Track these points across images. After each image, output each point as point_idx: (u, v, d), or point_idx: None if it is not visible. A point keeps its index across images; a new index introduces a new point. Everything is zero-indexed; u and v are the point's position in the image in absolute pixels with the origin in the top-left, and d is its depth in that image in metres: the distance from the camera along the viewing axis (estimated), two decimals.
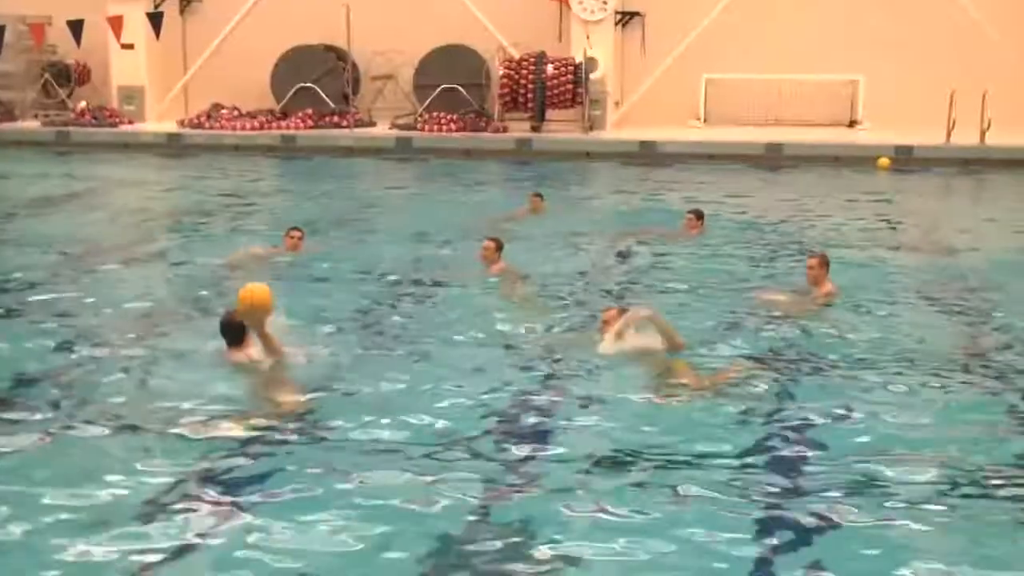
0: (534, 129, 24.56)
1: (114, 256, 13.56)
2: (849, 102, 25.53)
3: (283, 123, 25.42)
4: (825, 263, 11.29)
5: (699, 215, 14.71)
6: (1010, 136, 22.33)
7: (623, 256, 13.64)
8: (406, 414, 7.92)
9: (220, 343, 8.83)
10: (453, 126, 24.64)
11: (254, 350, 8.63)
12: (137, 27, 25.99)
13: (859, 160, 21.86)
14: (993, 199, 19.30)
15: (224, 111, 25.93)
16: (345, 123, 25.29)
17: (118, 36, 26.06)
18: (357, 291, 11.68)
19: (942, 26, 24.80)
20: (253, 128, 25.12)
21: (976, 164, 21.75)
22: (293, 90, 26.08)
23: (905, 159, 21.85)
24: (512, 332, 10.07)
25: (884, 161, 21.61)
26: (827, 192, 18.95)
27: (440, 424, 7.77)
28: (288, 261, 12.74)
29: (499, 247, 12.17)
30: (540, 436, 7.65)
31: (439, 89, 25.38)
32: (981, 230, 15.66)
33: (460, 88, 25.42)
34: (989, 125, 22.26)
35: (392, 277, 12.38)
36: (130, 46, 26.33)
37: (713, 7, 25.74)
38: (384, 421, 7.80)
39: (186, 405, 8.03)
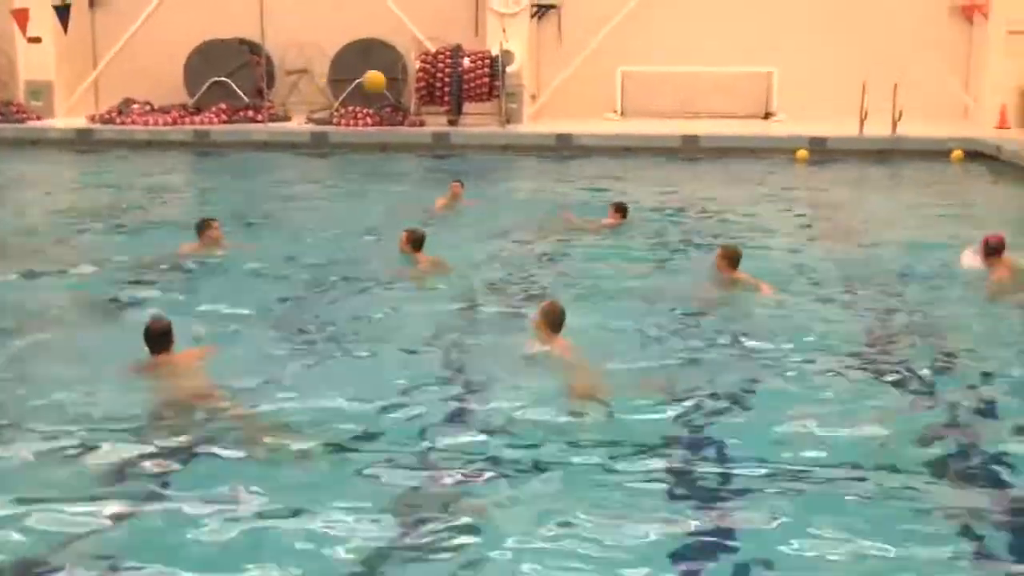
0: (451, 123, 24.46)
1: (22, 255, 13.21)
2: (764, 94, 25.80)
3: (196, 118, 25.06)
4: (730, 255, 11.36)
5: (620, 207, 14.73)
6: (921, 126, 22.71)
7: (544, 252, 13.58)
8: (325, 413, 7.81)
9: (133, 346, 8.58)
10: (369, 120, 24.45)
11: (178, 357, 8.42)
12: (44, 20, 25.46)
13: (774, 151, 22.07)
14: (904, 188, 19.59)
15: (136, 106, 25.46)
16: (260, 117, 24.99)
17: (24, 30, 25.51)
18: (275, 288, 11.49)
19: (854, 18, 25.16)
20: (166, 123, 24.70)
21: (888, 154, 22.09)
22: (207, 84, 25.72)
23: (819, 150, 22.10)
24: (431, 328, 9.97)
25: (803, 153, 21.83)
26: (743, 183, 19.10)
27: (359, 424, 7.65)
28: (205, 258, 12.51)
29: (418, 239, 12.07)
30: (459, 436, 7.55)
31: (354, 83, 25.15)
32: (893, 219, 15.87)
33: None
34: (900, 116, 22.60)
35: (310, 273, 12.21)
36: (37, 40, 25.79)
37: (628, 0, 25.82)
38: (303, 419, 7.68)
39: (98, 412, 7.82)
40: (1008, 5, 24.40)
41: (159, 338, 8.33)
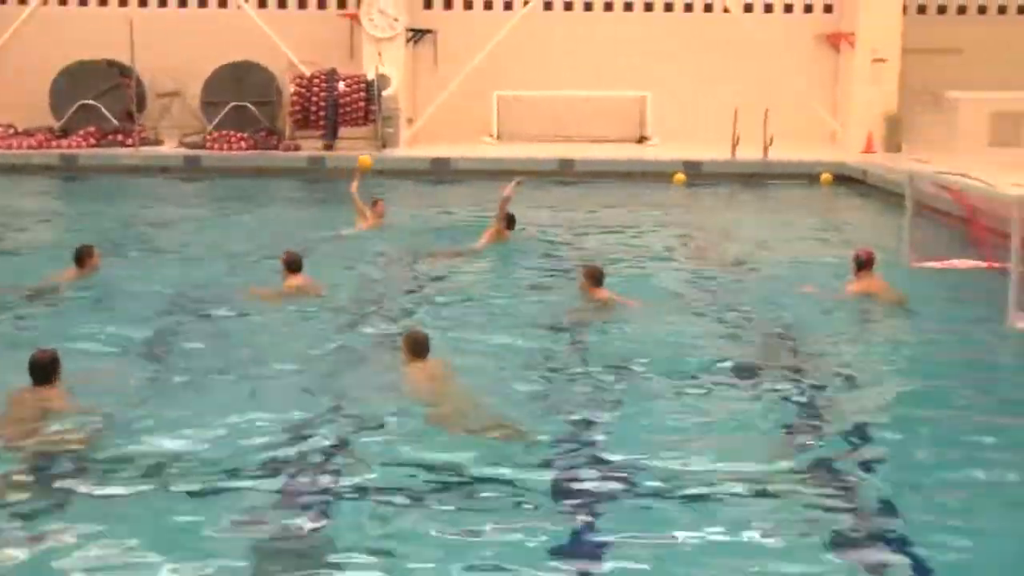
0: (327, 147, 24.21)
1: None
2: (638, 119, 26.12)
3: (63, 141, 24.39)
4: (592, 273, 11.44)
5: (510, 219, 14.73)
6: (791, 151, 23.20)
7: (419, 275, 13.49)
8: (193, 440, 7.62)
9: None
10: (243, 144, 24.09)
11: (57, 391, 8.11)
12: None
13: (650, 175, 22.31)
14: (775, 210, 19.96)
15: None
16: (130, 141, 24.43)
17: None
18: (145, 315, 11.17)
19: (727, 45, 25.70)
20: (30, 147, 23.99)
21: (760, 178, 22.50)
22: (74, 107, 25.07)
23: (694, 174, 22.41)
24: (300, 354, 9.79)
25: (680, 176, 22.12)
26: (619, 207, 19.26)
27: (227, 452, 7.46)
28: (76, 284, 12.14)
29: (294, 262, 11.89)
30: (328, 463, 7.40)
31: (228, 107, 24.81)
32: (764, 240, 16.13)
33: (250, 106, 24.89)
34: (771, 140, 23.06)
35: (182, 299, 11.91)
36: None
37: (504, 24, 25.96)
38: (171, 447, 7.49)
39: None
40: (873, 34, 25.14)
41: (43, 369, 8.06)
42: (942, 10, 27.27)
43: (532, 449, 7.58)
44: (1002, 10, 27.29)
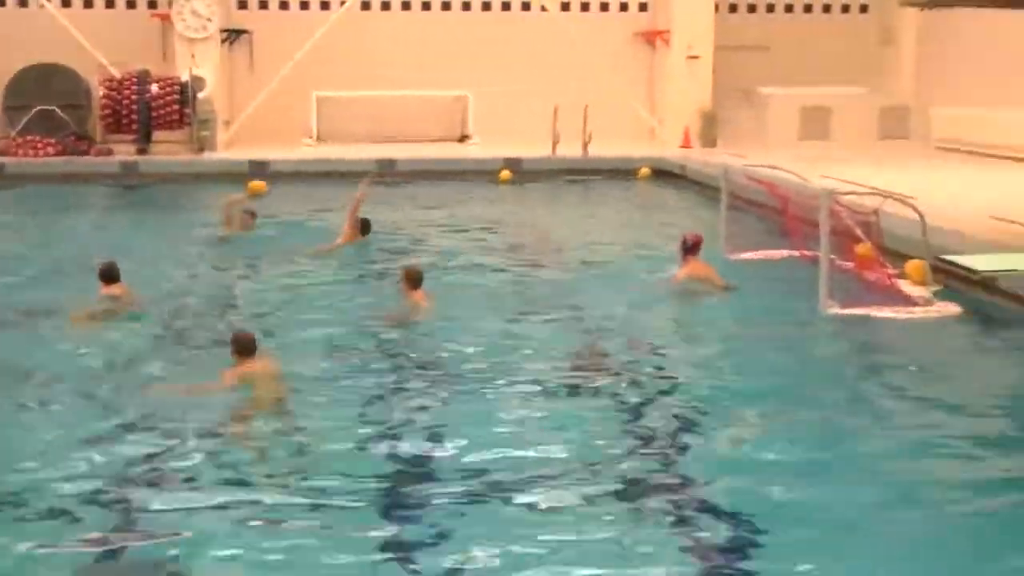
0: (140, 151, 23.47)
1: None
2: (459, 117, 26.11)
3: None
4: (412, 275, 11.39)
5: (364, 224, 14.71)
6: (610, 147, 23.49)
7: (242, 280, 13.19)
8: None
9: None
10: (51, 150, 23.17)
11: None
12: None
13: (471, 174, 22.31)
14: (596, 205, 20.20)
15: None
16: None
17: None
18: None
19: (545, 43, 25.91)
20: None
21: (580, 174, 22.70)
22: None
23: (515, 171, 22.49)
24: (117, 364, 9.47)
25: (505, 174, 22.17)
26: (441, 206, 19.21)
27: (29, 475, 7.10)
28: None
29: (107, 271, 11.43)
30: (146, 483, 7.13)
31: (34, 111, 23.83)
32: (586, 233, 16.34)
33: (57, 109, 23.94)
34: (590, 138, 23.30)
35: None
36: None
37: (321, 24, 25.63)
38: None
39: None
40: (687, 32, 25.68)
41: None
42: (752, 8, 28.01)
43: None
44: (808, 8, 28.18)
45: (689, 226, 14.42)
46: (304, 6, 26.47)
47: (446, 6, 26.81)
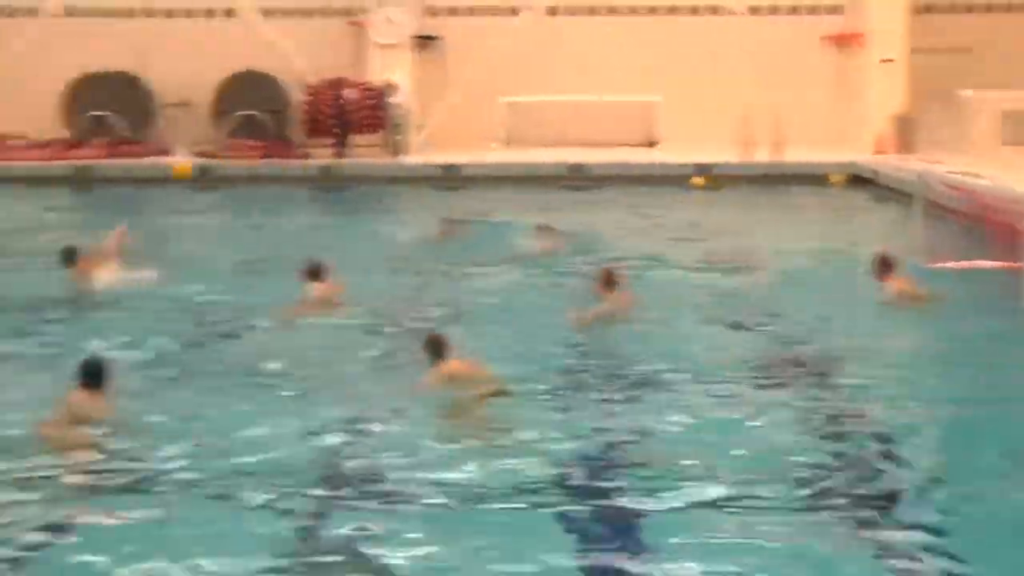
0: (338, 155, 24.28)
1: None
2: (648, 122, 26.11)
3: (76, 152, 24.43)
4: (608, 277, 11.46)
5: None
6: (802, 152, 23.20)
7: (439, 281, 13.52)
8: (220, 454, 7.61)
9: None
10: (254, 153, 24.15)
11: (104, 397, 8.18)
12: None
13: (661, 179, 22.33)
14: (788, 212, 19.98)
15: (11, 141, 24.78)
16: (142, 152, 24.50)
17: None
18: (166, 325, 11.21)
19: (735, 47, 25.72)
20: (44, 158, 24.05)
21: (771, 180, 22.48)
22: (86, 118, 25.15)
23: (705, 177, 22.40)
24: (324, 361, 9.81)
25: (698, 180, 22.16)
26: (632, 211, 19.28)
27: (254, 465, 7.45)
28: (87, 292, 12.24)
29: (315, 269, 11.90)
30: (362, 475, 7.40)
31: (239, 116, 24.88)
32: (777, 241, 16.16)
33: (261, 115, 24.96)
34: (782, 143, 23.05)
35: (201, 308, 11.95)
36: None
37: (511, 30, 26.00)
38: (196, 461, 7.50)
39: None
40: (882, 34, 25.15)
41: (94, 374, 8.14)
42: (951, 8, 27.25)
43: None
44: (1009, 8, 27.27)
45: (885, 234, 14.23)
46: (493, 13, 26.88)
47: (633, 11, 26.85)
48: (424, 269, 14.13)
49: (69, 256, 12.67)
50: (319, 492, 7.05)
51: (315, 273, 11.85)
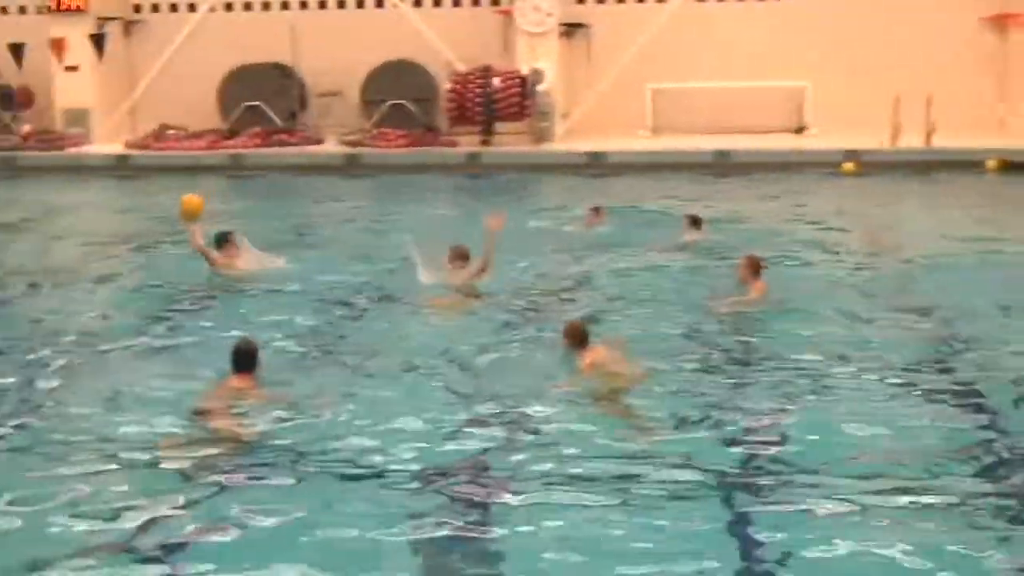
0: (483, 143, 24.52)
1: (69, 280, 13.33)
2: (796, 108, 25.72)
3: (231, 142, 25.21)
4: (754, 264, 11.41)
5: (695, 220, 14.88)
6: (956, 138, 22.59)
7: (586, 270, 13.59)
8: (363, 442, 7.81)
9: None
10: (402, 141, 24.54)
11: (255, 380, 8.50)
12: (80, 49, 25.78)
13: (808, 166, 21.99)
14: (941, 200, 19.49)
15: (171, 131, 25.69)
16: (293, 141, 25.13)
17: (60, 59, 25.83)
18: (314, 312, 11.52)
19: (885, 31, 25.12)
20: (201, 148, 24.87)
21: (922, 167, 21.95)
22: (240, 109, 25.91)
23: (857, 163, 22.00)
24: (465, 348, 9.96)
25: (849, 166, 21.79)
26: (779, 198, 19.06)
27: (402, 453, 7.63)
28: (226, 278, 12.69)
29: (463, 254, 12.07)
30: (509, 463, 7.53)
31: (387, 105, 25.31)
32: (928, 232, 15.77)
33: (407, 103, 25.35)
34: (934, 129, 22.49)
35: (349, 296, 12.24)
36: (74, 68, 26.09)
37: (658, 17, 25.87)
38: (342, 448, 7.70)
39: (157, 430, 7.93)
40: None
41: (246, 358, 8.47)
42: None
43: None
44: None
45: None
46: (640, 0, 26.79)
47: None
48: (571, 257, 14.18)
49: (221, 241, 13.08)
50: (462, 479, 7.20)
51: (463, 257, 12.04)
